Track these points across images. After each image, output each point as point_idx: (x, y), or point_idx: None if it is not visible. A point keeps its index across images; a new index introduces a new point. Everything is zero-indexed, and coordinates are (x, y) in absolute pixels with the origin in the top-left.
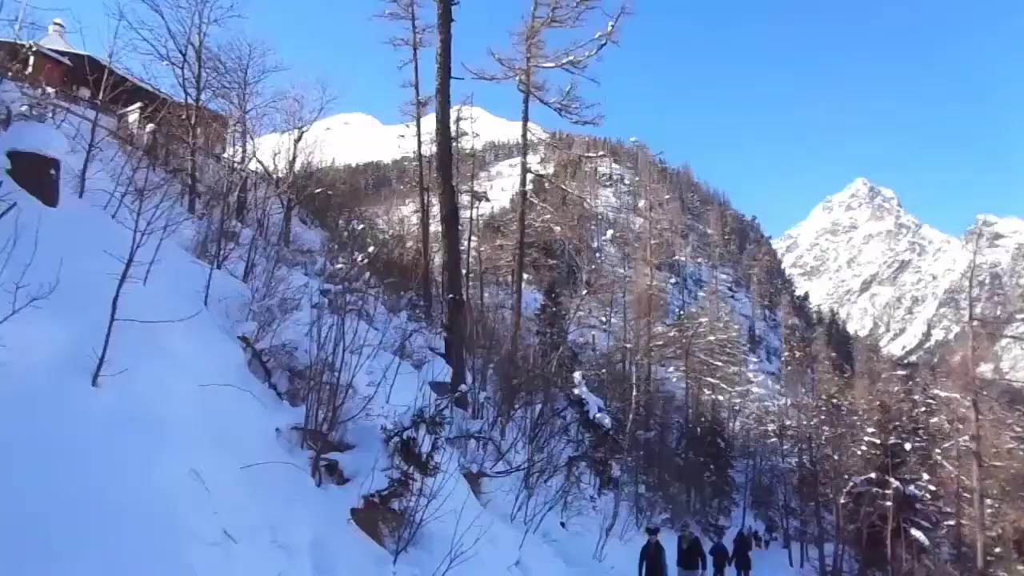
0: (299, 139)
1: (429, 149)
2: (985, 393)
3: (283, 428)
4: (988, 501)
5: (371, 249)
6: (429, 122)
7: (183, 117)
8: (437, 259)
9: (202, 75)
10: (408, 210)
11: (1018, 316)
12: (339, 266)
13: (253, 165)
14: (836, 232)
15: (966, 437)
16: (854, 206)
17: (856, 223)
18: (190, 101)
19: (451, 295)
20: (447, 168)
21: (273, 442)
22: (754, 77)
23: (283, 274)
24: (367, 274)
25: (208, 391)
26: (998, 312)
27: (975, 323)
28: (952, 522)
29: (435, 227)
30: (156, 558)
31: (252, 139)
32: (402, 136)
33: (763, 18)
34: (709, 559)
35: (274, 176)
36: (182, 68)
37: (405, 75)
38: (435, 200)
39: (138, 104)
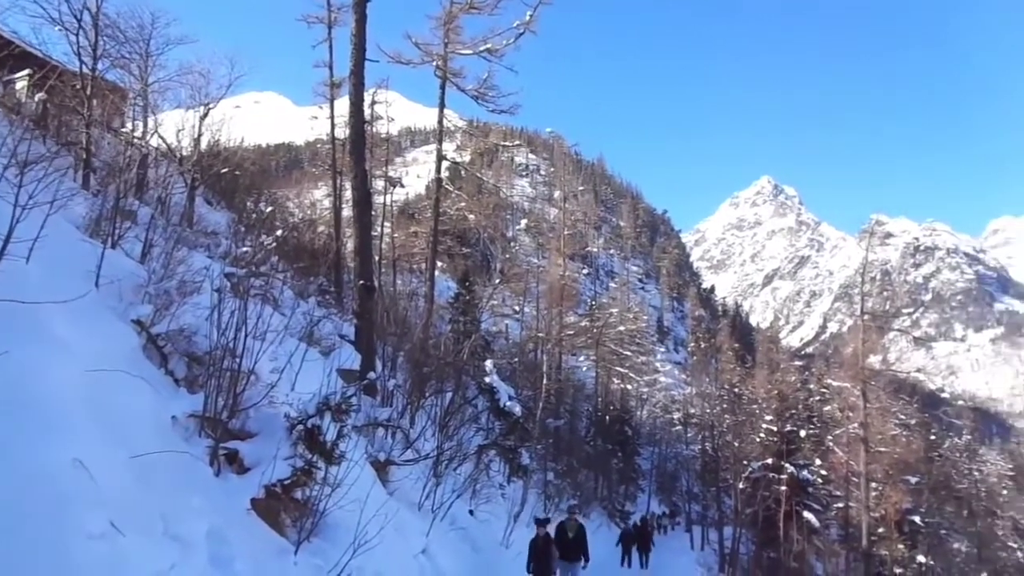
0: (205, 116)
1: (343, 132)
2: (873, 383)
3: (180, 416)
4: (873, 484)
5: (280, 232)
6: (343, 104)
7: (77, 87)
8: (349, 244)
9: (99, 43)
10: (320, 193)
11: (904, 311)
12: (245, 249)
13: (155, 141)
14: (742, 227)
15: (855, 424)
16: (759, 203)
17: (760, 219)
18: (85, 70)
19: (362, 281)
20: (360, 152)
21: (168, 430)
22: (670, 71)
23: (184, 255)
24: (275, 258)
25: (96, 377)
26: (887, 307)
27: (866, 317)
28: (841, 504)
29: (348, 212)
30: (32, 552)
31: (154, 114)
32: (315, 118)
33: (674, 11)
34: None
35: (178, 154)
36: (77, 35)
37: (319, 55)
38: (348, 184)
39: (26, 71)
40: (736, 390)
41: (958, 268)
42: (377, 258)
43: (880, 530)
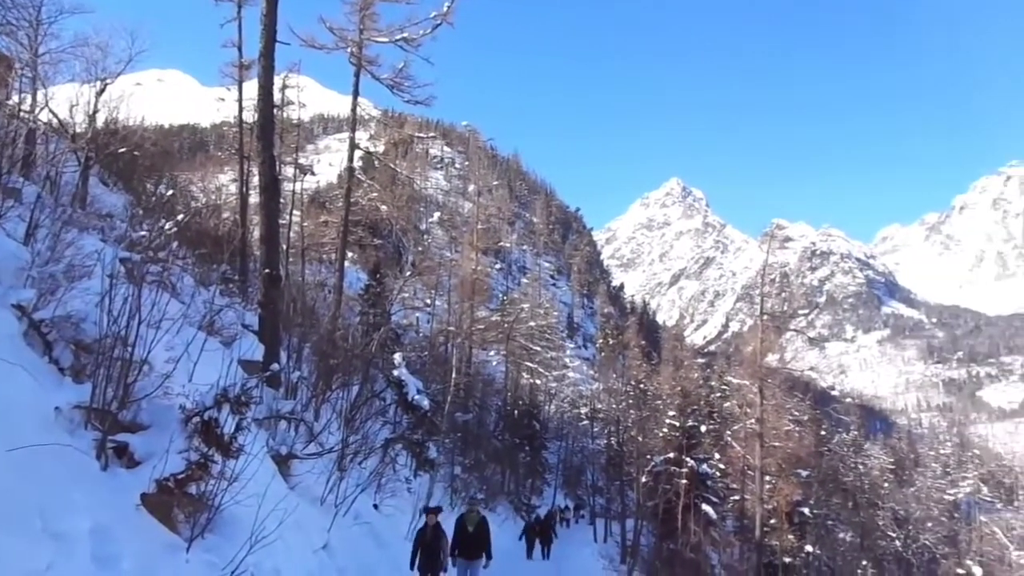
0: (102, 92)
1: (251, 115)
2: (770, 381)
3: (64, 407)
4: (767, 478)
5: (181, 217)
6: (252, 87)
7: None
8: (256, 232)
9: None
10: (226, 178)
11: (800, 312)
12: (142, 233)
13: (44, 116)
14: (651, 228)
15: (752, 420)
16: (668, 204)
17: (669, 220)
18: None
19: (267, 270)
20: (268, 137)
21: (51, 422)
22: (585, 71)
23: (73, 238)
24: (175, 243)
25: None
26: (785, 308)
27: (765, 317)
28: (737, 497)
29: (255, 198)
30: None
31: (44, 87)
32: (222, 99)
33: (590, 11)
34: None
35: (70, 130)
36: None
37: (227, 34)
38: (255, 169)
39: None
40: (642, 386)
41: (850, 272)
42: (285, 247)
43: (772, 521)
